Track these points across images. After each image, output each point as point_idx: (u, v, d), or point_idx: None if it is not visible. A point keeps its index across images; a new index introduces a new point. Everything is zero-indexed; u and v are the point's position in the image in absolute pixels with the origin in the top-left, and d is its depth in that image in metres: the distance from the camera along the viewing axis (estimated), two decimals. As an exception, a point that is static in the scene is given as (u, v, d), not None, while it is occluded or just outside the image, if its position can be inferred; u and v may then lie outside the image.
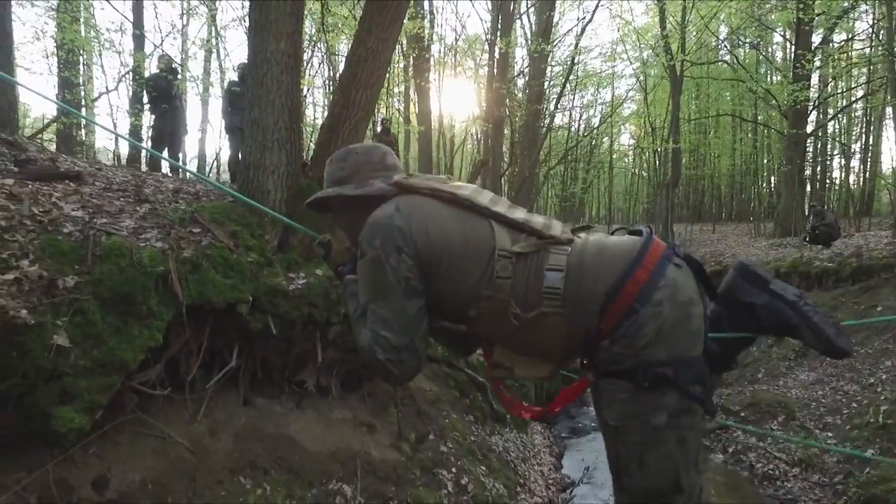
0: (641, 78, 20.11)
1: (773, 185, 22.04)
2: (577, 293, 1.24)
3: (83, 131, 12.11)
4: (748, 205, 22.85)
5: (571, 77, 15.88)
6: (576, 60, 14.19)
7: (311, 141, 10.09)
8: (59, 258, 2.10)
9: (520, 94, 15.37)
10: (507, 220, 1.32)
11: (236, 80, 7.28)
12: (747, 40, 17.63)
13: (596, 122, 24.46)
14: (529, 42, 14.74)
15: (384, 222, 1.28)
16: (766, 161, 21.93)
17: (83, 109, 10.90)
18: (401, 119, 14.80)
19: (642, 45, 19.02)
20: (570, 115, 24.53)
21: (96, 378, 2.01)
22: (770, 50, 19.46)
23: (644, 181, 26.26)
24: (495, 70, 12.89)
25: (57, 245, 2.12)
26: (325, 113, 14.22)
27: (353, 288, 1.42)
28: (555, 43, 15.77)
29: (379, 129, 9.86)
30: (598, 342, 1.25)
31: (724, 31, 18.12)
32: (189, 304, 2.40)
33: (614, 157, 26.07)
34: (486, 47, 15.39)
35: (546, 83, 15.86)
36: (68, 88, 10.23)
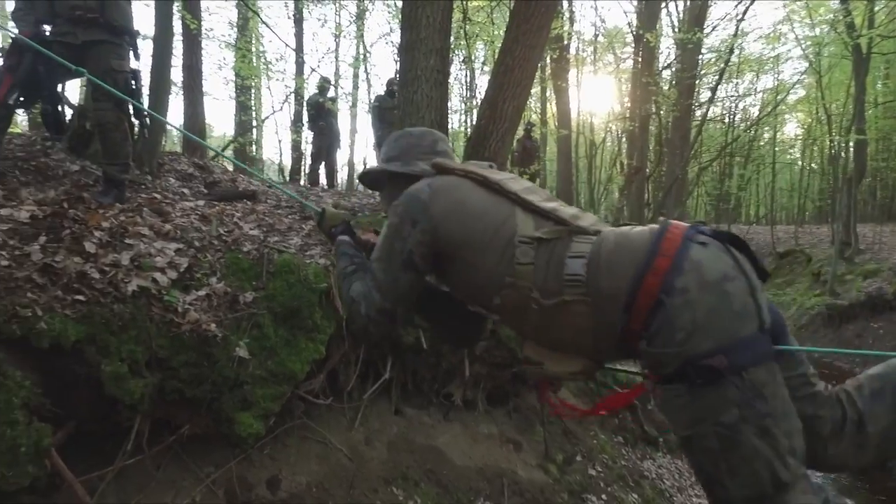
0: (813, 59, 17.67)
1: None
2: (598, 286, 1.17)
3: (254, 147, 13.66)
4: (958, 201, 19.02)
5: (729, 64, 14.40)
6: (734, 46, 12.84)
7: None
8: (240, 275, 2.31)
9: (666, 88, 14.33)
10: (534, 208, 1.29)
11: (383, 94, 7.64)
12: (958, 2, 14.63)
13: (754, 112, 22.02)
14: (677, 30, 13.68)
15: (412, 194, 1.36)
16: (984, 147, 18.08)
17: (254, 130, 12.28)
18: (538, 121, 14.57)
19: (814, 22, 16.70)
20: (724, 106, 22.40)
21: (270, 387, 2.18)
22: None
23: (815, 175, 23.08)
24: (640, 64, 12.16)
25: (238, 263, 2.34)
26: (463, 119, 14.51)
27: (345, 249, 1.55)
28: (710, 31, 14.45)
29: (521, 133, 9.75)
30: (635, 345, 1.17)
31: (925, -6, 15.25)
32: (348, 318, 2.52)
33: (777, 149, 23.21)
34: (630, 40, 14.60)
35: (698, 74, 14.61)
36: (243, 111, 11.60)
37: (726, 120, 22.42)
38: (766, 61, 19.66)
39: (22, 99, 2.42)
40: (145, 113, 2.73)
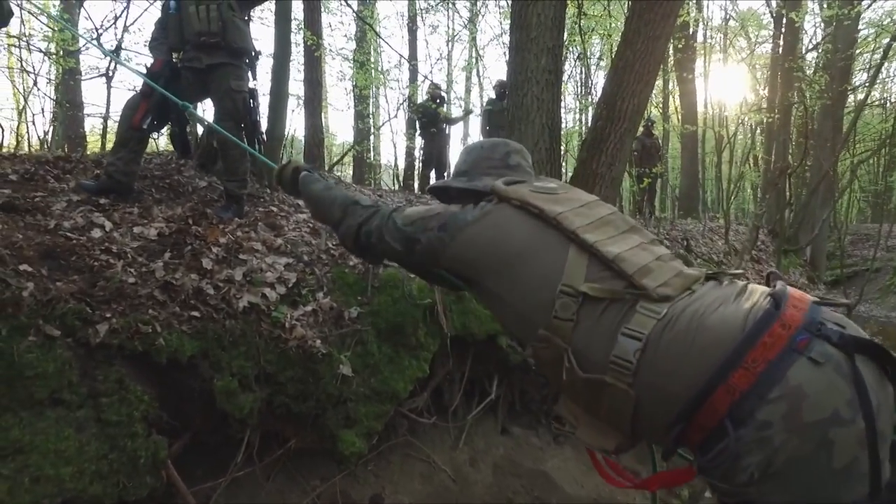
0: None
1: None
2: (647, 382, 0.93)
3: (371, 154, 14.23)
4: None
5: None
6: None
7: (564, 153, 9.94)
8: (346, 290, 2.30)
9: (810, 72, 12.68)
10: (593, 251, 1.05)
11: (494, 97, 7.54)
12: None
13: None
14: (825, 6, 12.07)
15: (463, 211, 1.25)
16: None
17: (371, 137, 12.79)
18: (660, 117, 13.64)
19: None
20: (886, 88, 19.44)
21: (373, 405, 2.14)
22: None
23: None
24: (781, 47, 10.89)
25: (344, 277, 2.33)
26: (578, 118, 13.97)
27: (316, 177, 1.58)
28: (869, 2, 12.56)
29: (641, 130, 9.12)
30: (690, 447, 0.95)
31: None
32: (452, 335, 2.43)
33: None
34: (768, 21, 13.17)
35: (853, 54, 12.80)
36: (361, 119, 12.10)
37: (888, 105, 19.47)
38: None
39: (155, 122, 2.63)
40: (261, 131, 2.84)
